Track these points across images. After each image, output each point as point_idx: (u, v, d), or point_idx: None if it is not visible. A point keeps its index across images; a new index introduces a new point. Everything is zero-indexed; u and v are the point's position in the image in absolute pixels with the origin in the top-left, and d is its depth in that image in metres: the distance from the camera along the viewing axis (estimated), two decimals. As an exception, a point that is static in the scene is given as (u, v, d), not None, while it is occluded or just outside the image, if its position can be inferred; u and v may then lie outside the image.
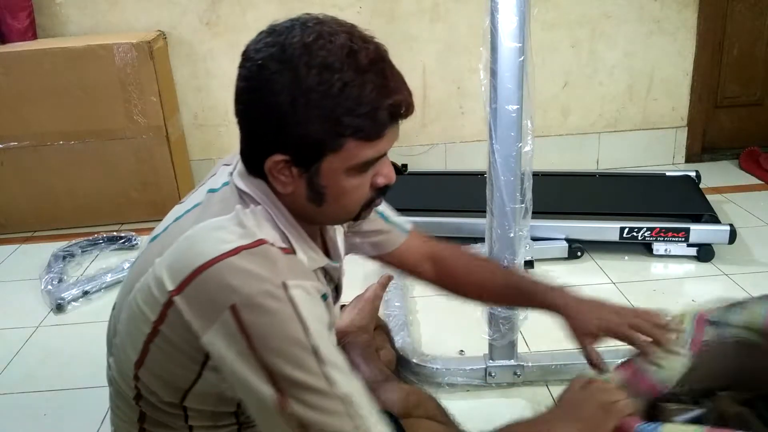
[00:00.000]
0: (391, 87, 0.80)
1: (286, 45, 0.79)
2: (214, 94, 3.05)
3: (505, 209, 1.53)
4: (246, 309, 0.76)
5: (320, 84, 0.77)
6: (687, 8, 3.02)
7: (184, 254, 0.82)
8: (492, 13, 1.40)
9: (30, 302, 2.26)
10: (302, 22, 0.82)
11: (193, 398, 0.87)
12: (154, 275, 0.83)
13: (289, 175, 0.83)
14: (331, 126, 0.79)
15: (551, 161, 3.02)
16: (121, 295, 0.92)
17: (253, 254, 0.79)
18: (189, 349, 0.81)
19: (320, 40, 0.79)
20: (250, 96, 0.82)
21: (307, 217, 0.90)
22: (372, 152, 0.82)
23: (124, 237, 2.66)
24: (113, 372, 0.93)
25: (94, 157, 2.77)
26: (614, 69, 3.09)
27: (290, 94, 0.78)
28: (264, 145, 0.83)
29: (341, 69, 0.78)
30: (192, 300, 0.79)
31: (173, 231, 0.87)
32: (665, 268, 2.29)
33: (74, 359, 1.93)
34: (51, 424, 1.68)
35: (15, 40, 2.82)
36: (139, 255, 0.93)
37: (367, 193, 0.88)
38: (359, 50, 0.80)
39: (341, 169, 0.82)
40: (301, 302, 0.78)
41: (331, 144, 0.80)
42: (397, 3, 2.94)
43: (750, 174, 3.07)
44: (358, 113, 0.78)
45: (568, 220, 2.38)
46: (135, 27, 2.93)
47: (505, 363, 1.68)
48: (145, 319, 0.83)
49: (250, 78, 0.82)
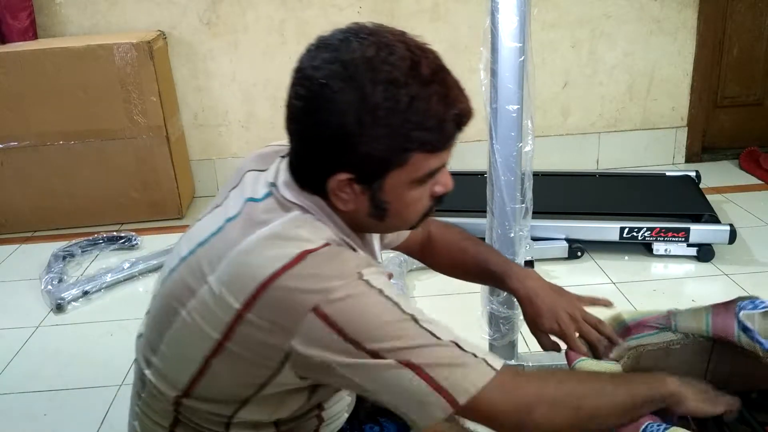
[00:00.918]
0: (453, 96, 0.79)
1: (347, 61, 0.76)
2: (214, 94, 3.05)
3: (505, 209, 1.53)
4: (329, 305, 0.76)
5: (387, 100, 0.75)
6: (687, 8, 3.02)
7: (243, 270, 0.80)
8: (492, 13, 1.40)
9: (30, 302, 2.26)
10: (355, 33, 0.79)
11: (246, 411, 0.87)
12: (211, 293, 0.82)
13: (351, 193, 0.82)
14: (399, 142, 0.78)
15: (551, 161, 3.01)
16: (160, 306, 0.90)
17: (320, 255, 0.79)
18: (262, 360, 0.81)
19: (381, 53, 0.77)
20: (312, 116, 0.79)
21: (363, 229, 0.90)
22: (436, 162, 0.82)
23: (124, 237, 2.66)
24: (152, 378, 0.91)
25: (94, 157, 2.77)
26: (614, 69, 3.10)
27: (356, 113, 0.76)
28: (326, 165, 0.80)
29: (407, 83, 0.76)
30: (266, 313, 0.78)
31: (218, 244, 0.85)
32: (665, 268, 2.29)
33: (74, 359, 1.92)
34: (51, 424, 1.68)
35: (15, 40, 2.83)
36: (175, 265, 0.90)
37: (427, 204, 0.88)
38: (420, 61, 0.78)
39: (405, 182, 0.82)
40: (381, 284, 0.79)
41: (397, 159, 0.79)
42: (397, 3, 2.94)
43: (750, 174, 3.07)
44: (426, 127, 0.77)
45: (568, 220, 2.39)
46: (135, 27, 2.93)
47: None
48: (207, 336, 0.82)
49: (310, 98, 0.78)
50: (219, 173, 3.16)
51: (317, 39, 0.81)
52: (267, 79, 3.03)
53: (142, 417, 0.96)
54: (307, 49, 0.81)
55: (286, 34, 2.94)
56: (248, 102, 3.07)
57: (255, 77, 3.02)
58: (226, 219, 0.88)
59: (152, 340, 0.92)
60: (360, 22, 0.82)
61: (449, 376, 0.78)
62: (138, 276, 2.39)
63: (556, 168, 2.92)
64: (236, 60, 2.99)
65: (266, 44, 2.96)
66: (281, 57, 2.98)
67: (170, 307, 0.87)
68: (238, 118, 3.10)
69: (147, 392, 0.93)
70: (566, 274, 2.26)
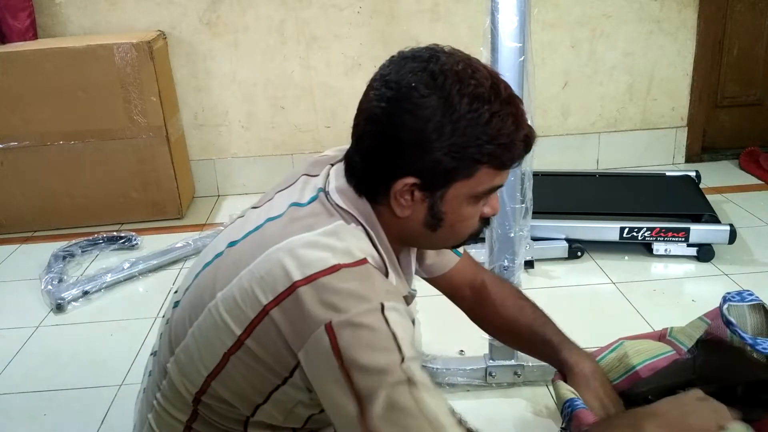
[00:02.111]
0: (524, 120, 0.84)
1: (435, 72, 0.81)
2: (214, 94, 3.05)
3: (505, 209, 1.53)
4: (341, 328, 0.76)
5: (470, 112, 0.80)
6: (687, 8, 3.02)
7: (278, 267, 0.81)
8: (492, 13, 1.40)
9: (30, 302, 2.26)
10: (441, 49, 0.84)
11: (262, 413, 0.88)
12: (240, 287, 0.83)
13: (410, 199, 0.85)
14: (472, 153, 0.81)
15: (551, 161, 3.01)
16: (191, 298, 0.91)
17: (353, 273, 0.80)
18: (274, 364, 0.82)
19: (468, 69, 0.82)
20: (394, 118, 0.81)
21: (410, 241, 0.91)
22: (498, 180, 0.86)
23: (124, 237, 2.66)
24: (173, 370, 0.92)
25: (94, 157, 2.77)
26: (614, 69, 3.10)
27: (439, 120, 0.79)
28: (396, 168, 0.83)
29: (489, 100, 0.80)
30: (289, 314, 0.79)
31: (256, 240, 0.86)
32: (665, 268, 2.29)
33: (74, 359, 1.92)
34: (51, 424, 1.68)
35: (15, 40, 2.82)
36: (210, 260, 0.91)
37: (476, 224, 0.91)
38: (499, 83, 0.83)
39: (465, 195, 0.85)
40: (397, 325, 0.79)
41: (465, 170, 0.83)
42: (396, 3, 2.94)
43: (750, 174, 3.07)
44: (499, 143, 0.81)
45: (568, 220, 2.38)
46: (135, 27, 2.93)
47: (505, 363, 1.68)
48: (229, 331, 0.83)
49: (396, 99, 0.81)
50: (219, 173, 3.16)
51: (399, 53, 0.85)
52: (267, 79, 3.03)
53: (159, 410, 0.96)
54: (390, 60, 0.85)
55: (286, 34, 2.94)
56: (248, 102, 3.07)
57: (255, 77, 3.02)
58: (268, 218, 0.89)
59: (178, 332, 0.92)
60: (438, 44, 0.86)
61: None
62: (138, 276, 2.39)
63: (556, 168, 2.92)
64: (236, 60, 2.99)
65: (266, 44, 2.96)
66: (281, 57, 2.98)
67: (200, 299, 0.88)
68: (238, 118, 3.10)
69: (167, 384, 0.94)
70: (566, 274, 2.26)
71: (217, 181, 3.16)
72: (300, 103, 3.07)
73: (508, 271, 1.58)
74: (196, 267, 0.96)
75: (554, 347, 1.11)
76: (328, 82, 3.04)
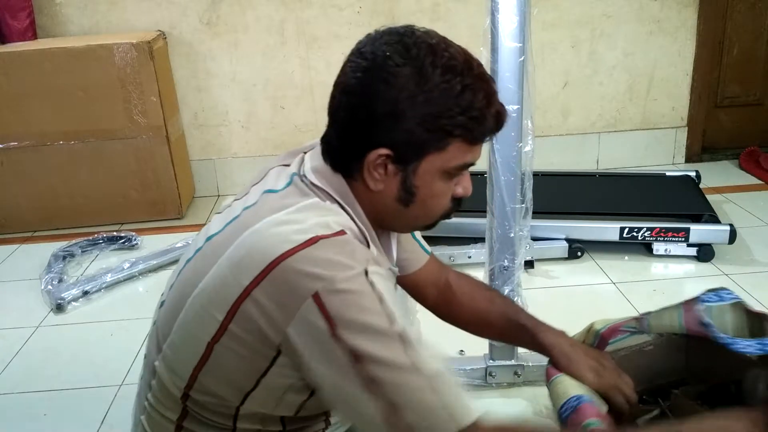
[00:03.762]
0: (496, 98, 0.86)
1: (410, 44, 0.82)
2: (214, 94, 3.05)
3: (505, 209, 1.53)
4: (329, 295, 0.77)
5: (443, 83, 0.81)
6: (687, 8, 3.02)
7: (255, 248, 0.81)
8: (492, 13, 1.40)
9: (30, 302, 2.26)
10: (416, 27, 0.86)
11: (252, 401, 0.87)
12: (220, 274, 0.83)
13: (383, 173, 0.86)
14: (444, 124, 0.82)
15: (551, 161, 3.02)
16: (174, 295, 0.91)
17: (332, 242, 0.80)
18: (260, 345, 0.81)
19: (442, 44, 0.84)
20: (369, 87, 0.83)
21: (384, 219, 0.92)
22: (469, 157, 0.87)
23: (124, 237, 2.66)
24: (161, 368, 0.92)
25: (94, 157, 2.77)
26: (614, 69, 3.10)
27: (412, 90, 0.81)
28: (369, 138, 0.84)
29: (462, 73, 0.82)
30: (272, 292, 0.79)
31: (233, 229, 0.87)
32: (665, 268, 2.29)
33: (74, 359, 1.93)
34: (51, 424, 1.68)
35: (15, 40, 2.83)
36: (191, 256, 0.93)
37: (447, 203, 0.91)
38: (472, 60, 0.85)
39: (438, 170, 0.86)
40: (382, 288, 0.80)
41: (438, 142, 0.83)
42: (396, 3, 2.94)
43: (750, 174, 3.07)
44: (471, 115, 0.83)
45: (568, 220, 2.39)
46: (135, 27, 2.93)
47: (505, 363, 1.68)
48: (212, 318, 0.83)
49: (370, 69, 0.83)
50: (219, 173, 3.16)
51: (376, 30, 0.87)
52: (267, 79, 3.03)
53: (150, 411, 0.96)
54: (366, 36, 0.87)
55: (286, 34, 2.94)
56: (248, 102, 3.07)
57: (255, 77, 3.03)
58: (244, 207, 0.90)
59: (164, 330, 0.92)
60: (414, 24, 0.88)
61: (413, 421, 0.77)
62: (138, 276, 2.39)
63: (556, 168, 2.92)
64: (236, 60, 2.99)
65: (266, 44, 2.96)
66: (281, 57, 2.98)
67: (183, 294, 0.89)
68: (238, 118, 3.10)
69: (157, 383, 0.94)
70: (566, 274, 2.26)
71: (217, 180, 3.16)
72: (300, 103, 3.08)
73: (508, 271, 1.58)
74: (180, 265, 0.96)
75: (530, 331, 1.13)
76: (328, 82, 2.97)
